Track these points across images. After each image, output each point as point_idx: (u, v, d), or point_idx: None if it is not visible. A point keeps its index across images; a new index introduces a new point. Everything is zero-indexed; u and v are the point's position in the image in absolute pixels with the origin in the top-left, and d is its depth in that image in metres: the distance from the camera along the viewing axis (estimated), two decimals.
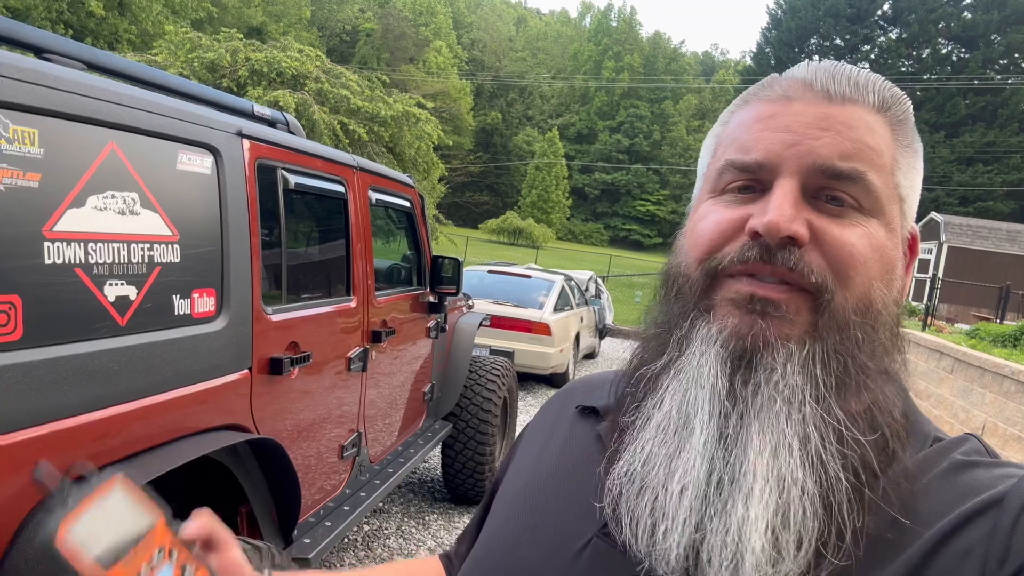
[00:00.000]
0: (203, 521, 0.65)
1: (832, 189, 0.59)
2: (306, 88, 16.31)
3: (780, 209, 0.57)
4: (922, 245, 24.26)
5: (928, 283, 21.05)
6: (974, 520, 0.53)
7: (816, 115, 0.60)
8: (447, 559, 0.87)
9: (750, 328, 0.58)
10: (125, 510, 0.60)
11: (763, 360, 0.57)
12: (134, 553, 0.58)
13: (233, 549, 0.66)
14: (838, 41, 48.69)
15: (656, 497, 0.58)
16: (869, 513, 0.54)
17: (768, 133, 0.61)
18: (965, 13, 47.33)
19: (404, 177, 4.04)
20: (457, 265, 4.26)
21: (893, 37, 48.45)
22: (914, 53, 48.12)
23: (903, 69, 46.65)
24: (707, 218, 0.63)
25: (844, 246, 0.58)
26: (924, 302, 17.64)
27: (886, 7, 47.83)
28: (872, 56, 48.40)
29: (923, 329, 11.92)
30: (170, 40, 17.57)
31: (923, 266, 24.91)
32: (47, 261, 1.63)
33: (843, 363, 0.57)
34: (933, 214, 25.82)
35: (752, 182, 0.62)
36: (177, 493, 2.42)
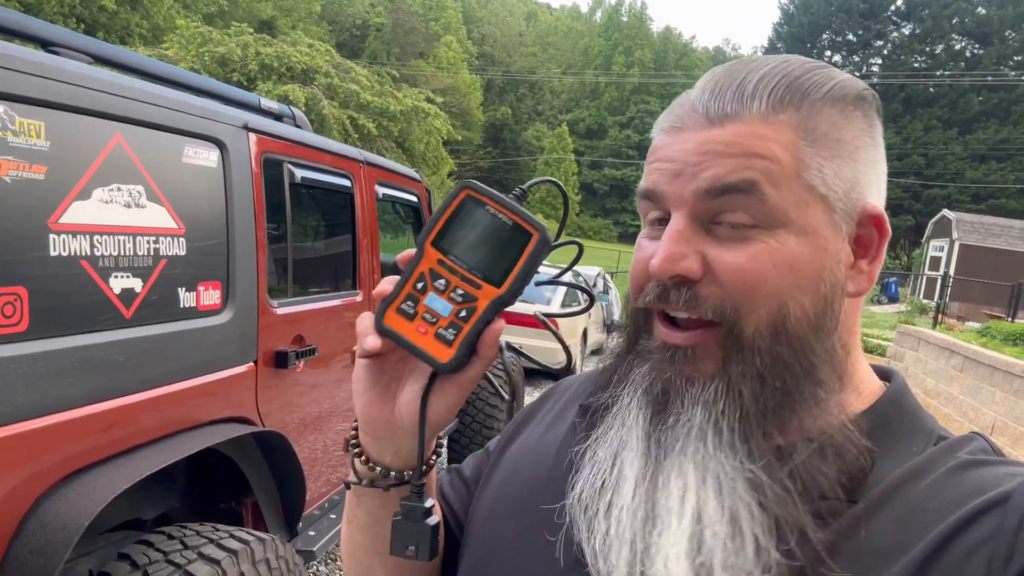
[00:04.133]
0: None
1: (725, 211, 0.58)
2: (316, 83, 16.34)
3: (665, 250, 0.58)
4: (934, 243, 23.93)
5: (939, 281, 20.92)
6: (980, 518, 0.52)
7: (697, 141, 0.59)
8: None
9: (663, 375, 0.60)
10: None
11: (673, 405, 0.60)
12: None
13: None
14: (850, 37, 48.35)
15: (603, 529, 0.60)
16: (811, 530, 0.54)
17: (658, 164, 0.61)
18: (979, 9, 46.88)
19: (411, 172, 4.04)
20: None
21: (906, 33, 48.04)
22: (927, 49, 47.69)
23: (916, 65, 46.26)
24: (636, 253, 0.65)
25: (735, 272, 0.57)
26: (935, 300, 17.54)
27: (899, 3, 47.42)
28: (885, 52, 48.02)
29: (934, 327, 11.85)
30: (181, 34, 17.63)
31: (935, 264, 24.74)
32: (53, 253, 1.64)
33: (752, 390, 0.57)
34: (945, 211, 25.63)
35: (659, 215, 0.62)
36: (183, 485, 2.44)
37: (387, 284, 0.59)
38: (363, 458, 0.66)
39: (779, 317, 0.57)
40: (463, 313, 0.57)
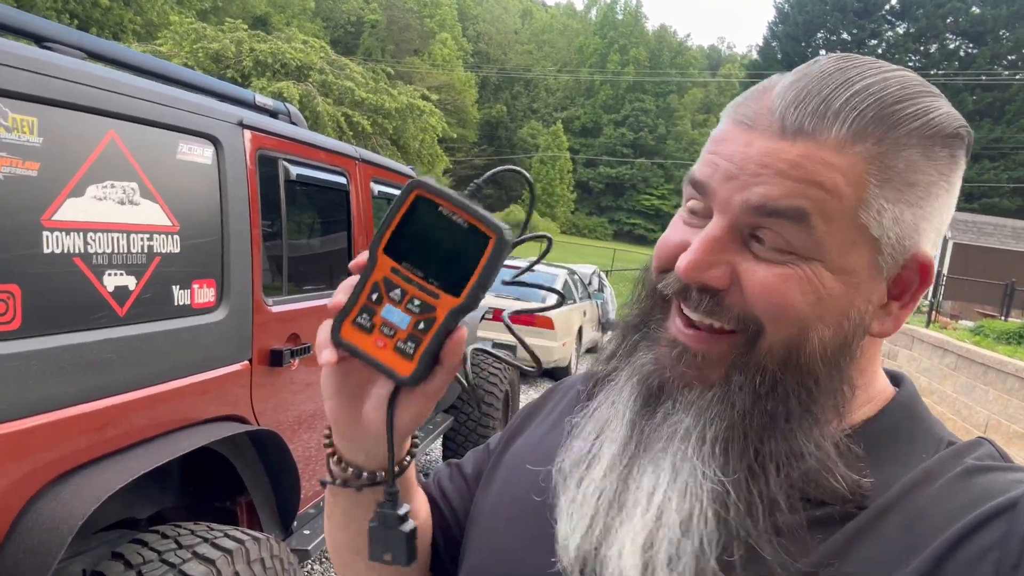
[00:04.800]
0: None
1: (763, 229, 0.56)
2: (310, 79, 16.30)
3: (695, 254, 0.56)
4: None
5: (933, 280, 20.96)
6: (988, 524, 0.52)
7: (762, 150, 0.56)
8: (427, 491, 0.85)
9: (664, 370, 0.60)
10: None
11: (665, 401, 0.60)
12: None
13: None
14: (845, 36, 48.44)
15: (571, 500, 0.61)
16: (764, 547, 0.54)
17: (716, 158, 0.58)
18: (973, 8, 47.03)
19: (407, 169, 4.03)
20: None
21: (901, 32, 48.16)
22: (921, 48, 47.82)
23: (910, 64, 46.35)
24: (670, 231, 0.63)
25: (764, 291, 0.56)
26: (929, 299, 17.60)
27: (894, 2, 47.53)
28: (880, 51, 48.09)
29: (927, 326, 11.88)
30: (175, 31, 17.57)
31: None
32: (46, 250, 1.63)
33: (740, 408, 0.57)
34: None
35: (701, 207, 0.60)
36: (177, 483, 2.42)
37: (341, 295, 0.56)
38: (336, 458, 0.65)
39: (796, 343, 0.56)
40: (421, 325, 0.55)
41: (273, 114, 2.93)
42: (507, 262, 0.55)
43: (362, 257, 0.56)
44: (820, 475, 0.56)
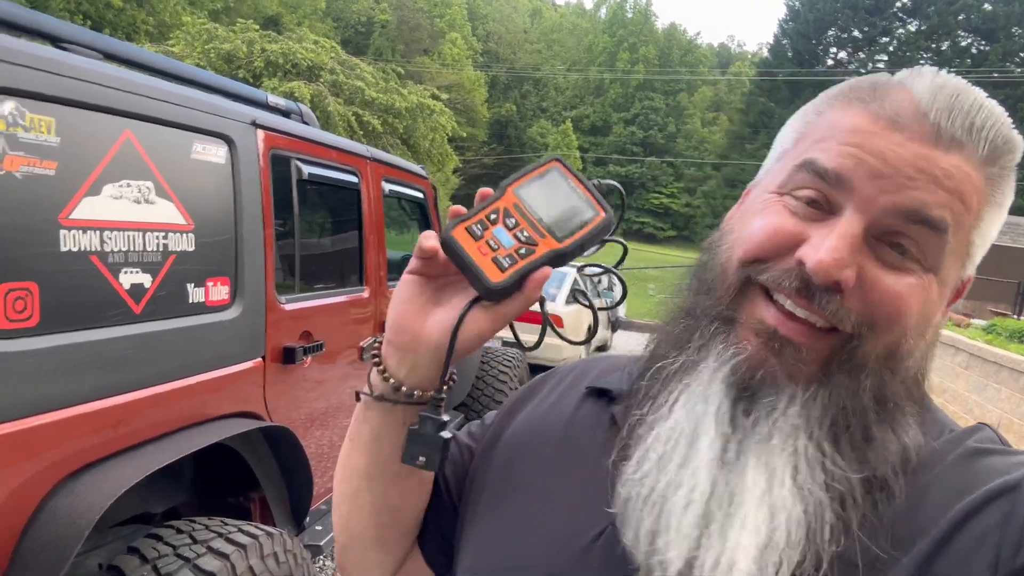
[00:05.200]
0: None
1: (901, 235, 0.55)
2: (321, 79, 16.35)
3: (835, 251, 0.54)
4: None
5: None
6: (988, 506, 0.53)
7: (917, 154, 0.55)
8: None
9: (762, 363, 0.58)
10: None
11: (767, 395, 0.57)
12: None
13: None
14: (856, 33, 48.14)
15: (661, 506, 0.58)
16: (857, 539, 0.54)
17: (859, 151, 0.56)
18: (985, 5, 46.65)
19: (417, 168, 4.04)
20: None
21: (912, 29, 47.81)
22: (933, 46, 47.47)
23: (922, 62, 46.00)
24: (764, 218, 0.60)
25: (890, 298, 0.56)
26: None
27: None
28: (891, 48, 47.82)
29: None
30: (187, 31, 17.65)
31: None
32: (63, 249, 1.65)
33: (843, 406, 0.57)
34: None
35: (822, 198, 0.58)
36: (191, 479, 2.45)
37: (465, 210, 0.63)
38: (380, 367, 0.67)
39: (896, 349, 0.57)
40: (523, 251, 0.61)
41: (286, 114, 2.95)
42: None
43: (488, 189, 0.65)
44: (893, 465, 0.57)
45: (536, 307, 0.68)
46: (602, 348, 11.55)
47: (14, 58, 1.53)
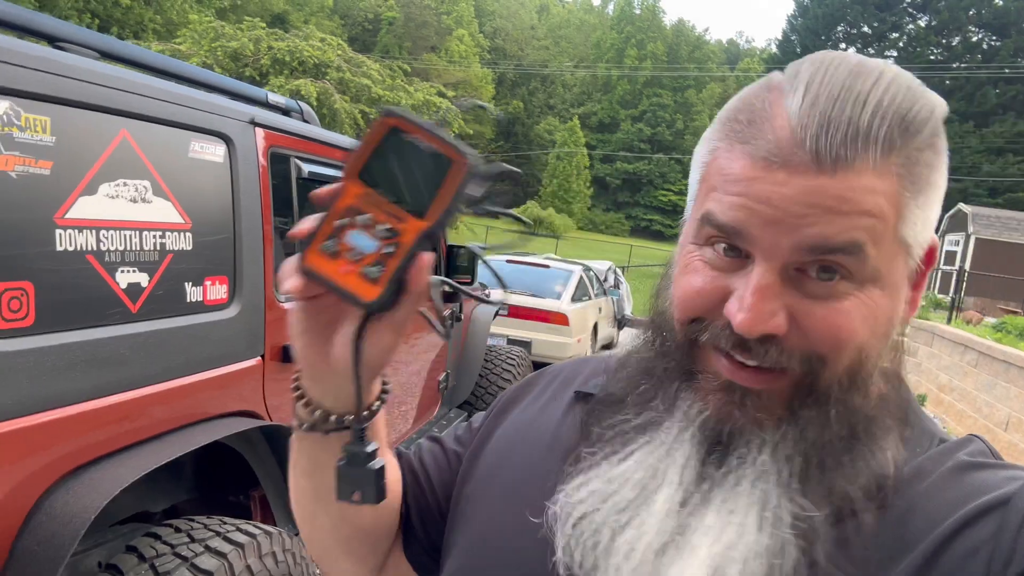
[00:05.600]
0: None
1: (824, 263, 0.54)
2: (328, 77, 16.37)
3: (753, 308, 0.53)
4: (950, 237, 23.64)
5: (955, 275, 20.74)
6: (980, 520, 0.52)
7: (802, 189, 0.52)
8: (407, 463, 0.85)
9: (728, 416, 0.58)
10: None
11: (737, 446, 0.57)
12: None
13: None
14: (865, 29, 47.88)
15: (598, 542, 0.58)
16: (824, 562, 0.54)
17: (746, 201, 0.54)
18: (996, 0, 46.31)
19: None
20: (472, 254, 4.27)
21: (922, 25, 47.51)
22: (944, 41, 47.16)
23: (932, 57, 45.75)
24: (689, 273, 0.60)
25: (827, 328, 0.54)
26: (950, 295, 17.38)
27: None
28: (901, 44, 47.54)
29: (948, 322, 11.73)
30: (194, 29, 17.71)
31: (950, 258, 24.50)
32: (59, 248, 1.65)
33: (816, 440, 0.56)
34: (961, 205, 25.35)
35: (733, 248, 0.57)
36: (191, 478, 2.45)
37: (308, 222, 0.55)
38: (304, 401, 0.64)
39: (856, 366, 0.56)
40: (388, 249, 0.54)
41: (286, 112, 2.94)
42: (517, 258, 0.54)
43: (326, 188, 0.55)
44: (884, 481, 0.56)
45: (531, 303, 0.64)
46: (608, 346, 11.54)
47: (9, 57, 1.53)
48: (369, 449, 0.60)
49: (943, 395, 8.43)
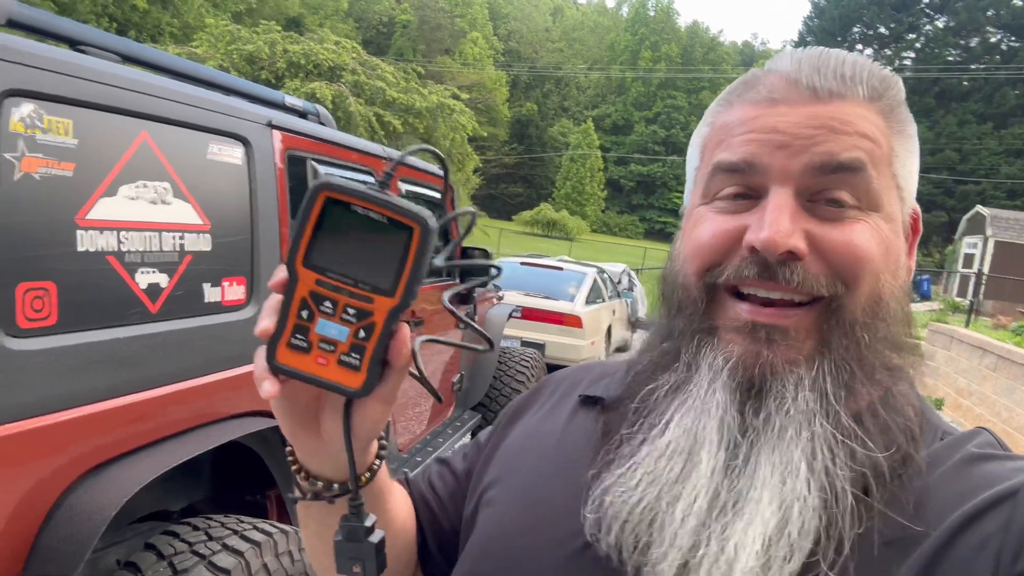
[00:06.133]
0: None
1: (829, 189, 0.57)
2: (342, 80, 16.45)
3: (776, 224, 0.55)
4: (968, 239, 23.43)
5: (973, 278, 20.53)
6: (988, 513, 0.52)
7: (805, 115, 0.58)
8: (417, 489, 0.85)
9: (756, 358, 0.57)
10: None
11: (773, 389, 0.57)
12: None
13: None
14: (882, 30, 47.51)
15: (654, 518, 0.57)
16: (878, 518, 0.54)
17: (754, 135, 0.59)
18: (1015, 0, 45.83)
19: (434, 168, 4.05)
20: (486, 256, 4.28)
21: (940, 25, 47.08)
22: (962, 42, 46.70)
23: (950, 58, 45.34)
24: (702, 227, 0.61)
25: (848, 249, 0.57)
26: (969, 298, 17.20)
27: None
28: (918, 45, 47.11)
29: (967, 325, 11.61)
30: (210, 33, 17.86)
31: (968, 261, 24.24)
32: (80, 249, 1.67)
33: (851, 369, 0.57)
34: (979, 207, 25.08)
35: (744, 188, 0.60)
36: (209, 477, 2.48)
37: (266, 320, 0.52)
38: (303, 475, 0.63)
39: (877, 294, 0.58)
40: (362, 333, 0.52)
41: (302, 115, 2.97)
42: (531, 260, 0.54)
43: (280, 274, 0.52)
44: (908, 422, 0.58)
45: (545, 305, 0.64)
46: (622, 348, 11.51)
47: (32, 61, 1.55)
48: (368, 523, 0.59)
49: (961, 399, 8.34)
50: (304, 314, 0.52)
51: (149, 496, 2.04)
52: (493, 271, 0.82)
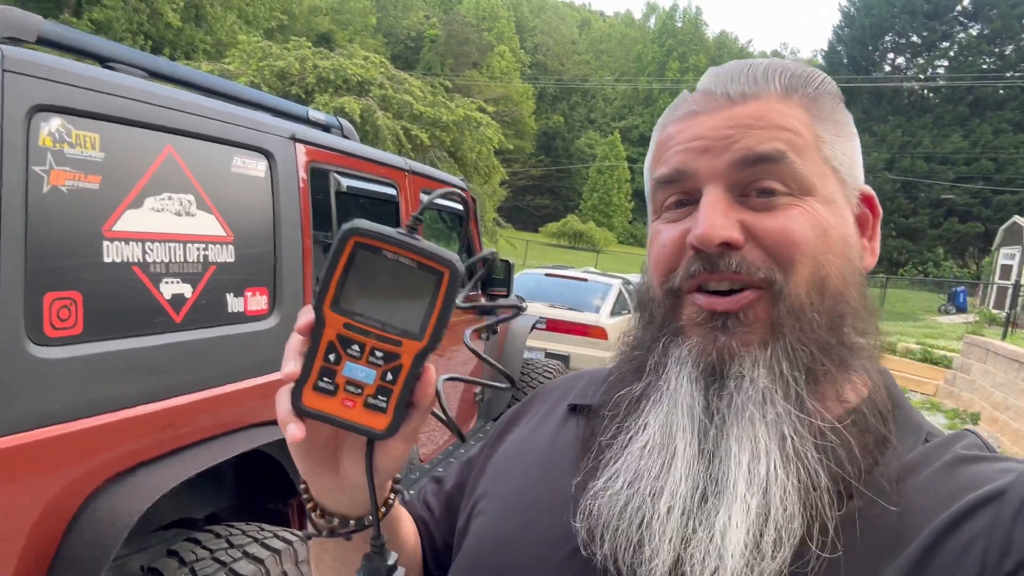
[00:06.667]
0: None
1: (758, 180, 0.61)
2: (371, 94, 16.64)
3: (708, 219, 0.59)
4: (1005, 250, 22.89)
5: (1010, 290, 20.05)
6: (975, 513, 0.53)
7: (722, 118, 0.62)
8: (414, 510, 0.86)
9: (714, 343, 0.60)
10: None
11: (731, 371, 0.59)
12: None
13: None
14: (915, 38, 46.89)
15: (643, 517, 0.58)
16: (857, 498, 0.55)
17: (681, 146, 0.63)
18: None
19: (456, 180, 4.08)
20: (508, 267, 4.29)
21: (974, 33, 46.33)
22: (996, 50, 45.88)
23: (984, 66, 44.56)
24: (656, 239, 0.66)
25: (779, 233, 0.59)
26: (1006, 310, 16.81)
27: (966, 2, 45.78)
28: (951, 53, 46.39)
29: (1004, 338, 11.35)
30: (242, 49, 18.19)
31: (1005, 272, 23.72)
32: (106, 259, 1.71)
33: (808, 350, 0.58)
34: (1017, 218, 24.55)
35: (683, 195, 0.64)
36: (232, 484, 2.51)
37: (292, 363, 0.53)
38: (318, 512, 0.63)
39: (820, 276, 0.60)
40: (389, 376, 0.52)
41: (326, 128, 3.01)
42: (556, 271, 0.55)
43: (307, 316, 0.53)
44: (876, 402, 0.60)
45: (570, 317, 0.65)
46: None
47: (60, 77, 1.60)
48: (391, 561, 0.59)
49: (998, 413, 8.14)
50: (331, 357, 0.52)
51: (173, 503, 2.08)
52: (516, 309, 0.85)
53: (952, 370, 10.24)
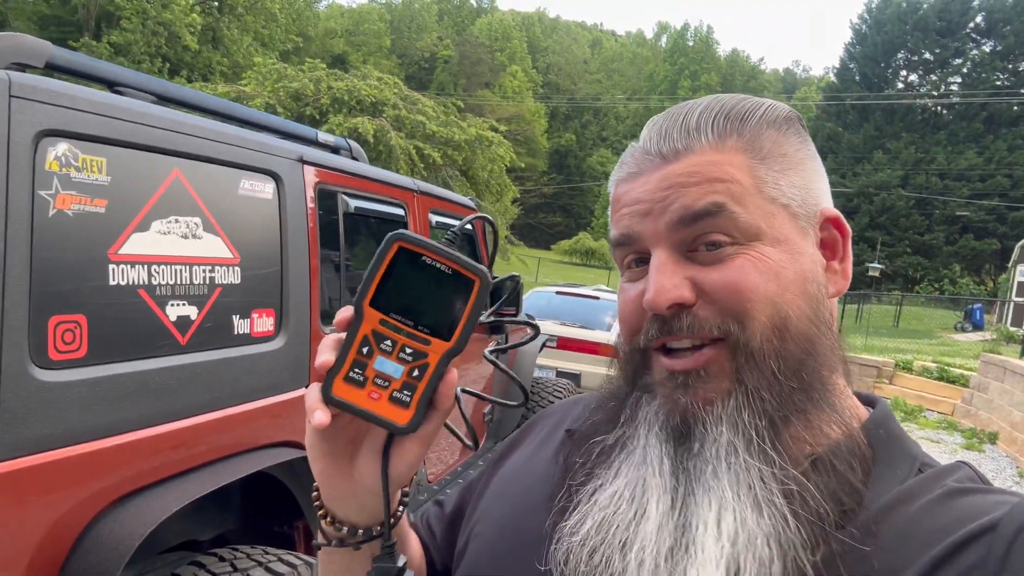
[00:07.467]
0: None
1: (703, 235, 0.60)
2: (384, 115, 16.78)
3: (656, 283, 0.60)
4: (1022, 267, 22.64)
5: None
6: (968, 546, 0.53)
7: (658, 179, 0.62)
8: (420, 532, 0.87)
9: (677, 403, 0.61)
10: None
11: (695, 431, 0.60)
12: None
13: None
14: (927, 56, 46.76)
15: (611, 564, 0.59)
16: (834, 543, 0.54)
17: (626, 209, 0.64)
18: None
19: (465, 200, 4.09)
20: (517, 284, 4.28)
21: (987, 50, 46.14)
22: (1010, 66, 45.63)
23: (998, 83, 44.35)
24: (621, 298, 0.67)
25: (727, 286, 0.59)
26: (1023, 328, 16.60)
27: (979, 19, 45.61)
28: (964, 70, 46.21)
29: (1022, 356, 11.19)
30: (258, 71, 18.42)
31: (1022, 289, 23.45)
32: (112, 282, 1.72)
33: (769, 396, 0.58)
34: None
35: (638, 255, 0.65)
36: (238, 507, 2.50)
37: (327, 353, 0.57)
38: (328, 519, 0.65)
39: (780, 320, 0.59)
40: (415, 372, 0.56)
41: (335, 150, 3.03)
42: (567, 289, 0.57)
43: (346, 312, 0.57)
44: (853, 453, 0.58)
45: (581, 335, 0.67)
46: None
47: (67, 102, 1.62)
48: (400, 564, 0.61)
49: (1016, 433, 8.01)
50: (364, 350, 0.56)
51: (179, 526, 2.07)
52: (534, 330, 0.88)
53: (969, 389, 10.09)
